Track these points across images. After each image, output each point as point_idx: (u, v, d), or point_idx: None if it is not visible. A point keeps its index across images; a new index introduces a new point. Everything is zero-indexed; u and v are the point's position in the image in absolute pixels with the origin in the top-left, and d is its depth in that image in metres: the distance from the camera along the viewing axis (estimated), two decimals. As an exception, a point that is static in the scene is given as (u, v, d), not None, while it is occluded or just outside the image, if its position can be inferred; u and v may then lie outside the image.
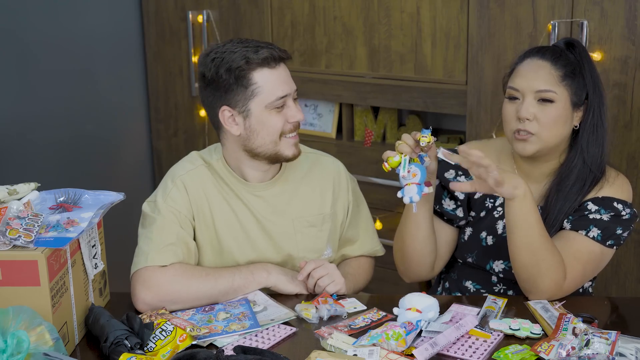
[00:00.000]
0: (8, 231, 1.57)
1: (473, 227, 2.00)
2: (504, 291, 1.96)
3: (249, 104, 1.86)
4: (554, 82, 1.84)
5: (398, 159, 1.77)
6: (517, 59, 1.93)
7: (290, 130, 1.90)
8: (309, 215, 2.00)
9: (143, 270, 1.83)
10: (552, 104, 1.84)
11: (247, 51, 1.85)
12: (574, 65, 1.87)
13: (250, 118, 1.88)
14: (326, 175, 2.06)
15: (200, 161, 1.99)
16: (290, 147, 1.92)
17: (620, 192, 1.88)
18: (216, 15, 3.39)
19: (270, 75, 1.86)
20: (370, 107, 3.22)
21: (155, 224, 1.89)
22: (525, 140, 1.85)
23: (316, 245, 2.01)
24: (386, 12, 2.94)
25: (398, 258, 2.01)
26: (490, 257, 1.97)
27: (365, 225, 2.12)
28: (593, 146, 1.88)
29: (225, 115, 1.89)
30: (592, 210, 1.85)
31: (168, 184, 1.94)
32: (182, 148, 3.60)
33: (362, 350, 1.55)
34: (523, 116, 1.84)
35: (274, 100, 1.86)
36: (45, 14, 3.24)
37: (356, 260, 2.10)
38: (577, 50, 1.90)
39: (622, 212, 1.85)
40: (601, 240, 1.84)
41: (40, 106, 3.27)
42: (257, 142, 1.89)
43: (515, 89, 1.87)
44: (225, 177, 1.97)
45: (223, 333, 1.68)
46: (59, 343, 1.53)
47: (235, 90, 1.86)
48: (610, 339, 1.53)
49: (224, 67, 1.85)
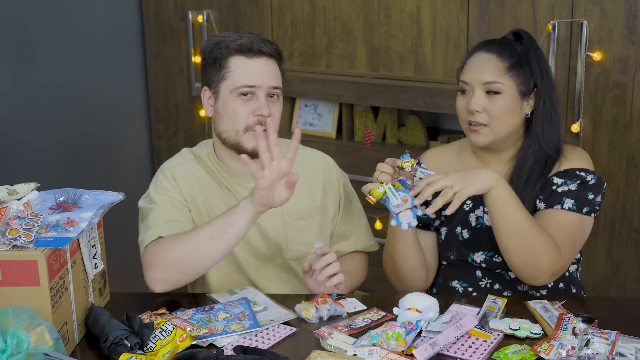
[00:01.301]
0: (8, 231, 1.57)
1: (447, 225, 2.03)
2: (490, 285, 1.98)
3: (219, 86, 1.94)
4: (500, 73, 1.89)
5: (382, 190, 1.77)
6: (466, 54, 1.99)
7: (255, 124, 1.90)
8: (298, 208, 2.01)
9: (144, 254, 1.86)
10: (499, 95, 1.90)
11: (236, 38, 1.93)
12: (519, 55, 1.92)
13: (219, 100, 1.95)
14: (315, 169, 2.07)
15: (190, 155, 2.04)
16: (251, 140, 1.91)
17: (580, 163, 1.93)
18: (216, 15, 3.39)
19: (244, 63, 1.92)
20: (370, 107, 3.22)
21: (152, 213, 1.92)
22: (478, 131, 1.91)
23: (305, 238, 2.02)
24: (386, 12, 2.94)
25: (393, 279, 2.04)
26: (470, 249, 1.99)
27: (358, 221, 2.13)
28: (548, 132, 1.93)
29: (205, 96, 1.99)
30: (558, 183, 1.90)
31: (159, 177, 2.00)
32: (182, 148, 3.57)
33: (362, 350, 1.55)
34: (472, 108, 1.90)
35: (239, 86, 1.91)
36: (45, 14, 3.24)
37: (351, 257, 2.11)
38: (523, 40, 1.95)
39: (587, 178, 1.90)
40: (577, 209, 1.88)
41: (40, 106, 3.27)
42: (221, 126, 1.95)
43: (465, 82, 1.94)
44: (215, 169, 2.00)
45: (223, 333, 1.68)
46: (58, 343, 1.53)
47: (212, 71, 1.95)
48: (610, 339, 1.53)
49: (210, 47, 1.95)
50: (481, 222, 1.99)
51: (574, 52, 2.55)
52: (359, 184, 2.20)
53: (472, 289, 2.00)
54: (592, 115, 2.57)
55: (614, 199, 2.59)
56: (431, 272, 2.05)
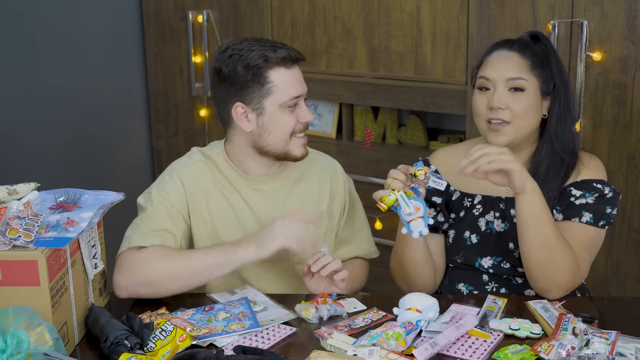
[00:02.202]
0: (8, 231, 1.57)
1: (455, 228, 2.02)
2: (496, 289, 1.97)
3: (263, 101, 1.88)
4: (524, 70, 1.88)
5: (393, 197, 1.74)
6: (485, 52, 1.97)
7: (300, 130, 1.93)
8: (307, 212, 2.00)
9: (123, 254, 1.85)
10: (523, 92, 1.87)
11: (266, 49, 1.87)
12: (541, 55, 1.91)
13: (264, 116, 1.89)
14: (324, 174, 2.07)
15: (200, 156, 2.00)
16: (300, 147, 1.94)
17: (597, 173, 1.92)
18: (216, 15, 3.39)
19: (286, 75, 1.88)
20: (370, 107, 3.22)
21: (146, 213, 1.91)
22: (499, 130, 1.88)
23: (312, 242, 2.01)
24: (386, 12, 2.94)
25: (402, 284, 2.01)
26: (478, 254, 1.98)
27: (361, 227, 2.13)
28: (562, 133, 1.92)
29: (238, 112, 1.91)
30: (576, 195, 1.88)
31: (165, 177, 1.97)
32: (182, 148, 3.59)
33: (362, 350, 1.55)
34: (495, 105, 1.86)
35: (288, 99, 1.88)
36: (45, 14, 3.24)
37: (351, 263, 2.11)
38: (542, 41, 1.94)
39: (604, 192, 1.89)
40: (594, 223, 1.87)
41: (40, 106, 3.27)
42: (268, 139, 1.91)
43: (487, 78, 1.90)
44: (225, 170, 1.98)
45: (223, 333, 1.68)
46: (58, 343, 1.53)
47: (252, 87, 1.87)
48: (610, 339, 1.53)
49: (242, 64, 1.86)
50: (491, 227, 1.97)
51: (574, 52, 2.55)
52: (359, 184, 2.20)
53: (477, 292, 1.99)
54: (592, 115, 2.57)
55: (614, 199, 2.59)
56: (439, 275, 2.03)
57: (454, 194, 2.02)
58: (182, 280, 1.82)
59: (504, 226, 1.96)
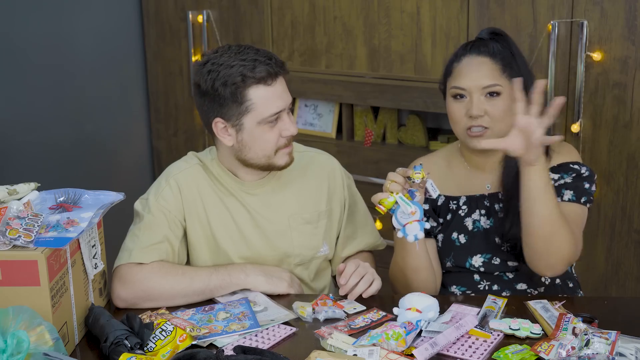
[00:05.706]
0: (8, 231, 1.57)
1: (444, 232, 2.02)
2: (488, 287, 1.97)
3: (242, 118, 1.86)
4: (497, 75, 1.89)
5: (392, 199, 1.74)
6: (452, 58, 1.98)
7: (284, 144, 1.90)
8: (305, 213, 2.01)
9: (123, 266, 1.86)
10: (499, 96, 1.89)
11: (245, 67, 1.82)
12: (508, 57, 1.92)
13: (243, 132, 1.88)
14: (321, 173, 2.06)
15: (196, 160, 2.00)
16: (284, 157, 1.93)
17: (570, 157, 1.95)
18: (216, 15, 3.39)
19: (265, 92, 1.85)
20: (370, 107, 3.22)
21: (144, 222, 1.91)
22: (481, 136, 1.89)
23: (312, 243, 2.01)
24: (386, 12, 2.94)
25: (404, 292, 2.00)
26: (467, 254, 1.98)
27: (364, 221, 2.12)
28: None
29: (218, 127, 1.89)
30: (555, 178, 1.91)
31: (162, 183, 1.96)
32: (182, 148, 3.60)
33: (362, 350, 1.55)
34: (475, 114, 1.88)
35: (267, 116, 1.86)
36: (45, 14, 3.24)
37: (357, 257, 2.09)
38: (502, 38, 1.95)
39: (581, 171, 1.92)
40: (576, 200, 1.90)
41: (40, 106, 3.27)
42: (249, 154, 1.90)
43: (462, 88, 1.92)
44: (219, 176, 1.98)
45: (223, 333, 1.68)
46: (59, 343, 1.53)
47: (230, 105, 1.85)
48: (610, 339, 1.53)
49: (219, 81, 1.83)
50: (478, 226, 1.98)
51: (574, 52, 2.55)
52: (359, 184, 2.20)
53: (470, 292, 1.99)
54: (592, 115, 2.57)
55: (614, 199, 2.59)
56: (438, 279, 2.03)
57: (439, 199, 2.03)
58: (184, 297, 1.85)
59: (490, 222, 1.97)
